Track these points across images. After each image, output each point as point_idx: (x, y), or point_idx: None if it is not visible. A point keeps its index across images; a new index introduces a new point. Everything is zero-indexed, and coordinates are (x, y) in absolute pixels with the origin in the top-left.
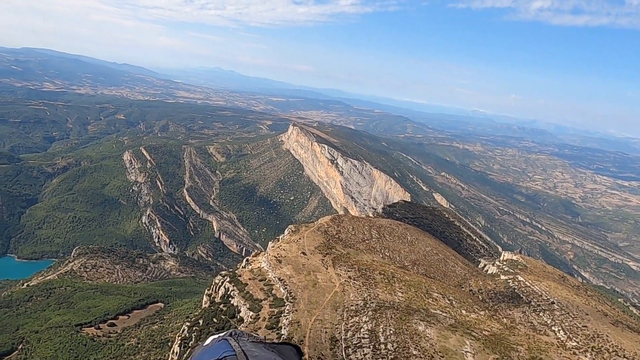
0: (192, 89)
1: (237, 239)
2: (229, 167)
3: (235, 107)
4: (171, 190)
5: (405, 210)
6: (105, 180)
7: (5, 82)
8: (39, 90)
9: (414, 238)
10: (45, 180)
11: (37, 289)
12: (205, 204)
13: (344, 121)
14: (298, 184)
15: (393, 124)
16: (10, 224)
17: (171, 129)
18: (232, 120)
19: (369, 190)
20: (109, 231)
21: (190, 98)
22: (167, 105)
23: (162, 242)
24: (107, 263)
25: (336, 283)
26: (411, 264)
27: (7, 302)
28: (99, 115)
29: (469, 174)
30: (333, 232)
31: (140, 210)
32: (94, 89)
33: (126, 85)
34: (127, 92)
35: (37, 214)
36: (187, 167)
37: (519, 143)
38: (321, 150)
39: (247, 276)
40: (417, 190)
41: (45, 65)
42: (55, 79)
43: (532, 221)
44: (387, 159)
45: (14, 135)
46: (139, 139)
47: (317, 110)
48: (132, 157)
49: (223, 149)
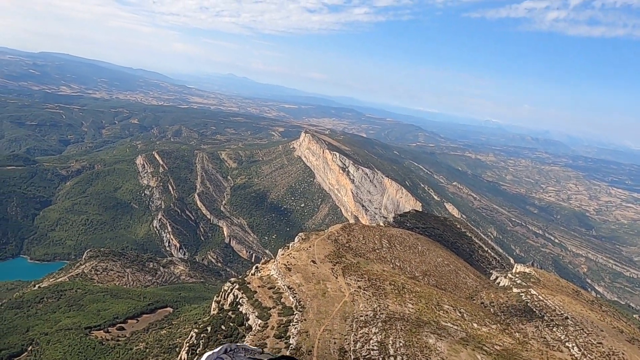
0: (205, 94)
1: (247, 245)
2: (240, 173)
3: (248, 113)
4: (183, 195)
5: (416, 219)
6: (118, 184)
7: (23, 86)
8: (56, 94)
9: (425, 248)
10: (59, 182)
11: (48, 290)
12: (216, 210)
13: (356, 129)
14: (309, 191)
15: (405, 132)
16: (23, 226)
17: (184, 134)
18: (244, 126)
19: (380, 198)
20: (120, 234)
21: (204, 104)
22: (181, 110)
23: (173, 247)
24: (118, 266)
25: (346, 293)
26: (422, 275)
27: (19, 303)
28: (113, 119)
29: (481, 184)
30: (343, 241)
31: (151, 214)
32: (109, 94)
33: (141, 90)
34: (142, 97)
35: (51, 216)
36: (199, 172)
37: (532, 154)
38: (332, 158)
39: (257, 284)
40: (429, 199)
41: (62, 69)
42: (71, 83)
43: (545, 233)
44: (399, 168)
45: (30, 138)
46: (152, 144)
47: (329, 117)
48: (145, 162)
49: (235, 155)
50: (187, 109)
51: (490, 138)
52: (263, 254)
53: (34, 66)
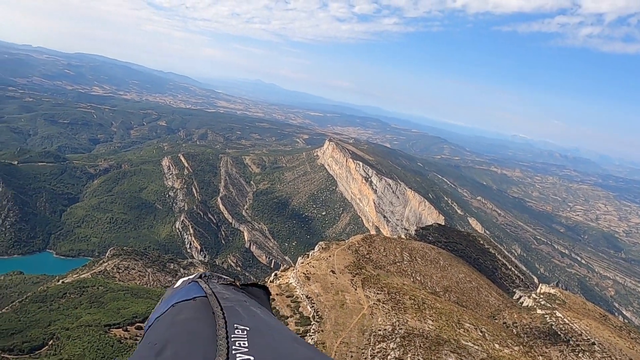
0: (232, 99)
1: (266, 251)
2: (263, 179)
3: (273, 119)
4: (206, 198)
5: (438, 233)
6: (143, 184)
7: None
8: (88, 94)
9: (447, 263)
10: (87, 180)
11: (71, 286)
12: (238, 214)
13: (380, 139)
14: (331, 199)
15: (430, 144)
16: (51, 221)
17: (210, 138)
18: (269, 132)
19: (402, 210)
20: (143, 234)
21: (230, 108)
22: (208, 114)
23: (194, 249)
24: (139, 266)
25: (364, 305)
26: (443, 291)
27: (42, 297)
28: (142, 120)
29: (506, 199)
30: (364, 252)
31: (174, 215)
32: (139, 95)
33: (170, 93)
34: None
35: (77, 212)
36: (223, 176)
37: (561, 171)
38: (356, 167)
39: (275, 291)
40: (452, 213)
41: (96, 70)
42: (104, 84)
43: (571, 253)
44: (422, 180)
45: (61, 136)
46: (179, 146)
47: (354, 126)
48: (170, 163)
49: (259, 160)
50: (214, 113)
51: (518, 153)
52: (282, 261)
53: (69, 66)
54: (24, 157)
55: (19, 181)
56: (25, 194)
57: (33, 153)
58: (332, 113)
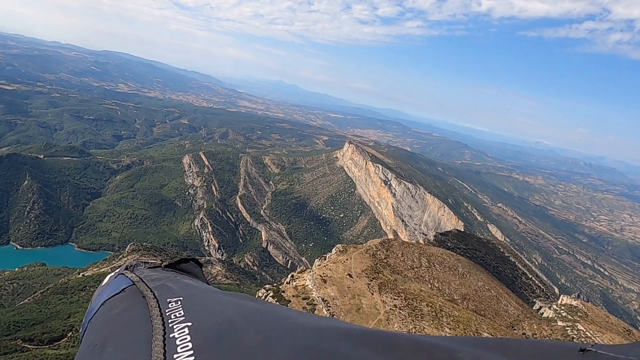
0: (254, 99)
1: (283, 251)
2: (282, 179)
3: (294, 120)
4: (225, 196)
5: (457, 240)
6: (164, 181)
7: (84, 81)
8: (113, 91)
9: (466, 270)
10: (109, 175)
11: (91, 279)
12: (256, 213)
13: (401, 142)
14: (349, 202)
15: (451, 149)
16: (74, 214)
17: (230, 137)
18: (289, 133)
19: (420, 214)
20: (162, 230)
21: (252, 108)
22: (229, 113)
23: (212, 247)
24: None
25: (381, 310)
26: (461, 299)
27: (63, 289)
28: (164, 118)
29: (528, 207)
30: (381, 256)
31: (194, 213)
32: (163, 93)
33: (192, 92)
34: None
35: (99, 207)
36: (242, 176)
37: (585, 179)
38: (375, 170)
39: (291, 293)
40: (471, 219)
41: (121, 68)
42: (129, 81)
43: (594, 264)
44: (442, 185)
45: (86, 131)
46: (200, 144)
47: (374, 129)
48: (191, 161)
49: (278, 161)
50: (236, 112)
51: (540, 160)
52: (299, 262)
53: (96, 63)
54: (49, 151)
55: (45, 175)
56: (50, 187)
57: (59, 147)
58: (352, 115)
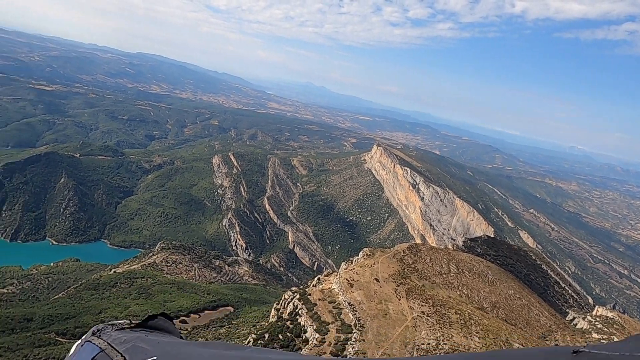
0: (282, 101)
1: (310, 253)
2: (309, 181)
3: (322, 122)
4: (253, 197)
5: (487, 246)
6: (193, 181)
7: (119, 83)
8: (147, 92)
9: (496, 278)
10: (141, 175)
11: (122, 276)
12: (283, 215)
13: (429, 146)
14: (376, 204)
15: (481, 153)
16: (107, 212)
17: (259, 138)
18: (317, 134)
19: (449, 219)
20: (191, 229)
21: (280, 110)
22: (258, 115)
23: (239, 247)
24: (187, 260)
25: (408, 316)
26: (491, 307)
27: (95, 285)
28: (195, 119)
29: (561, 213)
30: (409, 261)
31: (222, 213)
32: (194, 94)
33: (223, 93)
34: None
35: (131, 205)
36: (270, 177)
37: (622, 186)
38: (403, 174)
39: (317, 296)
40: (502, 225)
41: (154, 69)
42: (161, 82)
43: (630, 274)
44: (472, 189)
45: (120, 131)
46: (229, 145)
47: (403, 132)
48: (220, 162)
49: (306, 162)
50: (265, 114)
51: (575, 166)
52: (325, 264)
53: (130, 65)
54: (85, 150)
55: (80, 173)
56: (85, 185)
57: (94, 147)
58: (381, 118)
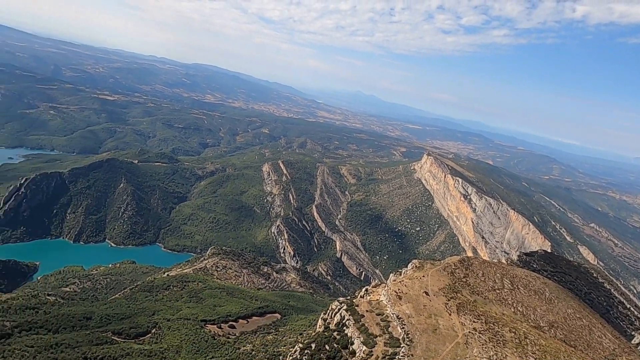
0: (332, 109)
1: (357, 262)
2: (358, 190)
3: (371, 131)
4: (301, 205)
5: (544, 261)
6: (244, 188)
7: (176, 92)
8: (201, 101)
9: (554, 296)
10: (195, 181)
11: (175, 279)
12: (331, 223)
13: (482, 155)
14: (426, 215)
15: (537, 163)
16: (162, 217)
17: (308, 146)
18: (366, 143)
19: (502, 232)
20: (241, 235)
21: (330, 118)
22: (308, 123)
23: (287, 254)
24: (236, 266)
25: (459, 333)
26: (548, 326)
27: (149, 287)
28: (247, 127)
29: (625, 229)
30: (460, 275)
31: (271, 220)
32: (246, 103)
33: (273, 102)
34: (274, 108)
35: (184, 210)
36: (319, 185)
37: None
38: (454, 184)
39: (365, 307)
40: (560, 239)
41: (209, 79)
42: (215, 92)
43: None
44: (527, 201)
45: (175, 139)
46: (279, 153)
47: (454, 141)
48: (270, 169)
49: (355, 171)
50: (314, 122)
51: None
52: (373, 274)
53: (187, 75)
54: (143, 157)
55: (138, 178)
56: (142, 190)
57: (151, 154)
58: (431, 126)
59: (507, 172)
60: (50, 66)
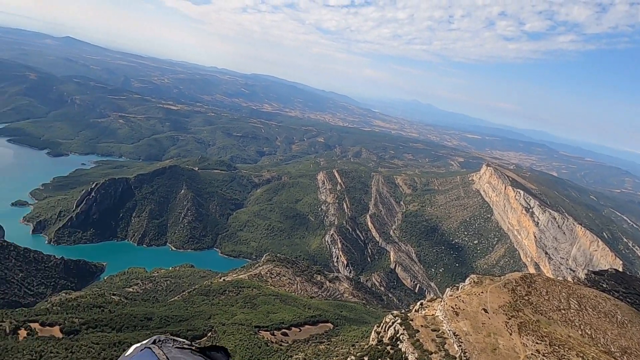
0: (388, 119)
1: (412, 274)
2: (413, 200)
3: (428, 140)
4: (355, 214)
5: (615, 281)
6: (299, 196)
7: (235, 102)
8: (259, 111)
9: (627, 319)
10: (251, 188)
11: (230, 284)
12: (385, 233)
13: (545, 167)
14: (485, 228)
15: (607, 176)
16: (220, 223)
17: (363, 156)
18: (422, 153)
19: (568, 248)
20: (295, 243)
21: (385, 128)
22: (363, 132)
23: (340, 263)
24: (290, 273)
25: (520, 354)
26: (620, 352)
27: (207, 290)
28: (302, 136)
29: None
30: (522, 293)
31: (325, 228)
32: (302, 113)
33: (329, 111)
34: (329, 118)
35: (241, 217)
36: (373, 194)
37: None
38: (515, 196)
39: (420, 322)
40: (632, 258)
41: (267, 89)
42: (273, 101)
43: None
44: (595, 216)
45: (234, 147)
46: (334, 162)
47: (516, 151)
48: (325, 178)
49: (410, 181)
50: (369, 131)
51: None
52: (427, 287)
53: (245, 86)
54: (203, 164)
55: (198, 185)
56: (202, 196)
57: (210, 161)
58: (491, 136)
59: (573, 184)
60: (120, 78)
